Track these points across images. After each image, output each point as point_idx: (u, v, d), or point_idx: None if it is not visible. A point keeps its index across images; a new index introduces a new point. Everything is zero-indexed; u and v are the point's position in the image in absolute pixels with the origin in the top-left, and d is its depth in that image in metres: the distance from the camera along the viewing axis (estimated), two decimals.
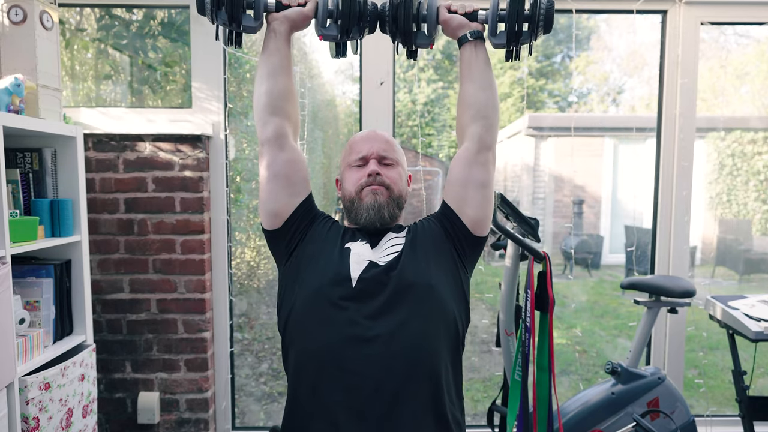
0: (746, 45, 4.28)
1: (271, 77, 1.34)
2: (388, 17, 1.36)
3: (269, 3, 1.36)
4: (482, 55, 1.37)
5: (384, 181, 1.37)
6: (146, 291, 2.35)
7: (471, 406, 3.35)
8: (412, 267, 1.28)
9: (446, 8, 1.38)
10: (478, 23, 1.37)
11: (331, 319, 1.22)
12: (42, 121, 1.81)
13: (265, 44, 1.36)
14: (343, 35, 1.36)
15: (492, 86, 1.36)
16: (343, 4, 1.32)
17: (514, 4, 1.32)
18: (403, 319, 1.21)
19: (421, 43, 1.40)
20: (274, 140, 1.32)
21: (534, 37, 1.36)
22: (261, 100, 1.34)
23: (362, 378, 1.16)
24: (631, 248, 2.71)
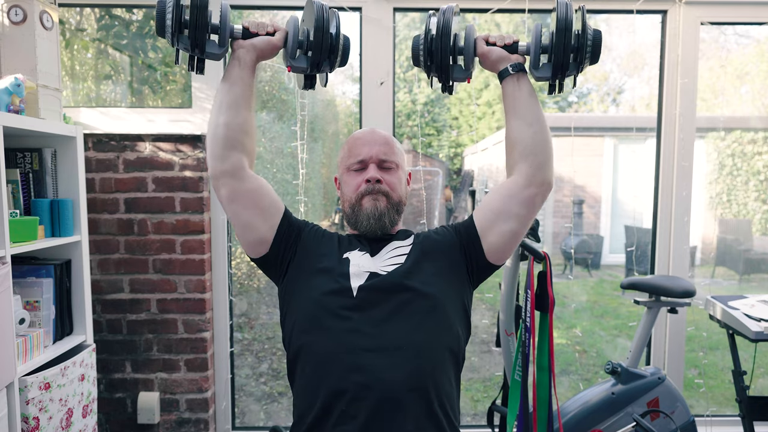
0: (746, 45, 4.28)
1: (232, 109, 1.25)
2: (423, 51, 1.28)
3: (236, 30, 1.28)
4: (526, 89, 1.29)
5: (383, 189, 1.34)
6: (146, 291, 2.35)
7: (471, 406, 3.35)
8: (417, 277, 1.26)
9: (484, 40, 1.30)
10: (519, 55, 1.30)
11: (334, 330, 1.20)
12: (42, 121, 1.81)
13: (228, 72, 1.27)
14: (313, 68, 1.28)
15: (539, 120, 1.28)
16: (315, 36, 1.24)
17: (560, 35, 1.22)
18: (407, 330, 1.20)
19: (458, 77, 1.32)
20: (232, 174, 1.25)
21: (580, 69, 1.27)
22: (218, 132, 1.25)
23: (365, 389, 1.14)
24: (631, 248, 2.71)
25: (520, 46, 1.30)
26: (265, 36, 1.27)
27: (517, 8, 2.33)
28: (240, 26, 1.28)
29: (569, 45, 1.23)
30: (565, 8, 1.23)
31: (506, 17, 8.44)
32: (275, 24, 1.28)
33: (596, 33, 1.24)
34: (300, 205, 2.49)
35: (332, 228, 5.88)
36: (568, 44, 1.23)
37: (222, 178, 1.26)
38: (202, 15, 1.19)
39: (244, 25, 1.27)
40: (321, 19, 1.23)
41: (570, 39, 1.23)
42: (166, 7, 1.19)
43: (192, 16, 1.19)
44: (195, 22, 1.19)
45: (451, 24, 1.26)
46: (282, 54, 1.32)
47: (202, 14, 1.19)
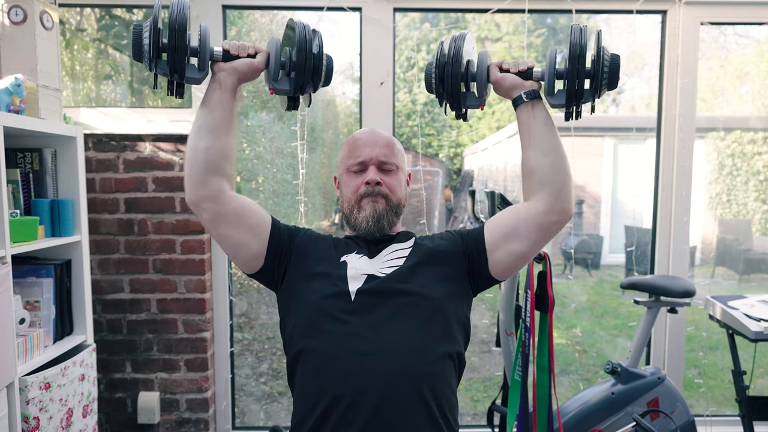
0: (746, 45, 4.28)
1: (212, 134, 1.21)
2: (435, 77, 1.25)
3: (216, 52, 1.23)
4: (541, 116, 1.25)
5: (382, 191, 1.33)
6: (146, 291, 2.35)
7: (471, 406, 3.35)
8: (416, 280, 1.25)
9: (498, 67, 1.27)
10: (534, 81, 1.26)
11: (332, 333, 1.19)
12: (42, 121, 1.81)
13: (208, 96, 1.23)
14: (297, 90, 1.24)
15: (556, 149, 1.24)
16: (298, 57, 1.20)
17: (574, 60, 1.18)
18: (406, 334, 1.19)
19: (472, 104, 1.29)
20: (213, 199, 1.22)
21: (597, 95, 1.22)
22: (198, 158, 1.21)
23: (362, 394, 1.13)
24: (631, 248, 2.71)
25: (534, 72, 1.26)
26: (246, 58, 1.23)
27: (517, 8, 2.33)
28: (220, 48, 1.23)
29: (583, 71, 1.18)
30: (579, 33, 1.19)
31: (506, 17, 8.44)
32: (256, 46, 1.24)
33: (614, 58, 1.19)
34: (300, 205, 2.49)
35: (332, 228, 5.89)
36: (582, 71, 1.18)
37: (202, 204, 1.23)
38: (181, 38, 1.15)
39: (224, 47, 1.23)
40: (303, 39, 1.20)
41: (584, 65, 1.18)
42: (143, 31, 1.15)
43: (171, 40, 1.14)
44: (174, 46, 1.14)
45: (462, 51, 1.23)
46: (264, 76, 1.29)
47: (181, 37, 1.14)
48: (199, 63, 1.20)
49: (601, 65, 1.18)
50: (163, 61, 1.16)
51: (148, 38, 1.14)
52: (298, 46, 1.20)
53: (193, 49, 1.18)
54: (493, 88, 1.29)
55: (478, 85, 1.27)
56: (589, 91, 1.21)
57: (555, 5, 2.39)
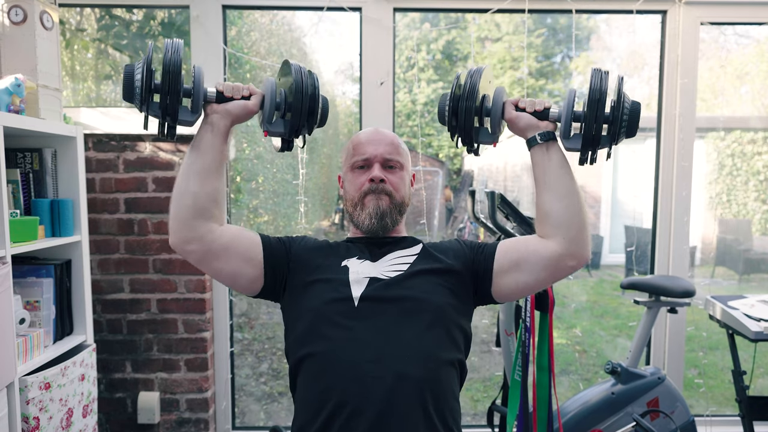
0: (746, 45, 4.28)
1: (202, 178, 1.18)
2: (448, 110, 1.22)
3: (209, 93, 1.19)
4: (556, 158, 1.21)
5: (386, 189, 1.32)
6: (146, 291, 2.35)
7: (471, 406, 3.35)
8: (420, 286, 1.24)
9: (513, 105, 1.23)
10: (549, 122, 1.22)
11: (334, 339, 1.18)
12: (42, 121, 1.81)
13: (200, 138, 1.19)
14: (292, 133, 1.22)
15: (572, 192, 1.20)
16: (294, 99, 1.18)
17: (593, 105, 1.13)
18: (409, 340, 1.17)
19: (484, 140, 1.26)
20: (199, 240, 1.20)
21: (615, 142, 1.18)
22: (186, 202, 1.18)
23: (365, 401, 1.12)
24: (631, 248, 2.71)
25: (551, 112, 1.22)
26: (240, 100, 1.19)
27: (517, 8, 2.33)
28: (213, 89, 1.20)
29: (602, 117, 1.14)
30: (600, 78, 1.15)
31: (506, 17, 8.45)
32: (251, 87, 1.21)
33: (634, 105, 1.15)
34: (300, 205, 2.49)
35: (332, 228, 5.89)
36: (601, 116, 1.14)
37: (188, 246, 1.21)
38: (176, 80, 1.10)
39: (218, 88, 1.20)
40: (300, 82, 1.18)
41: (603, 110, 1.14)
42: (135, 71, 1.11)
43: (165, 82, 1.10)
44: (168, 89, 1.10)
45: (478, 86, 1.20)
46: (258, 117, 1.25)
47: (175, 80, 1.10)
48: (192, 105, 1.17)
49: (621, 112, 1.14)
50: (155, 102, 1.13)
51: (141, 79, 1.11)
52: (294, 88, 1.18)
53: (186, 91, 1.15)
54: (508, 126, 1.26)
55: (492, 121, 1.23)
56: (606, 138, 1.17)
57: (555, 5, 2.39)
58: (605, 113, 1.15)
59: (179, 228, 1.20)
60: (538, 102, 1.22)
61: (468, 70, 1.23)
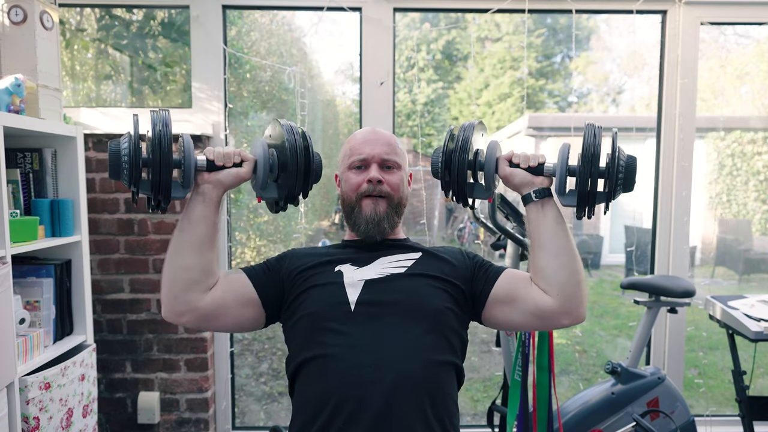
0: (746, 45, 4.28)
1: (195, 251, 1.16)
2: (441, 164, 1.20)
3: (199, 163, 1.13)
4: (551, 216, 1.19)
5: (384, 190, 1.30)
6: (146, 291, 2.35)
7: (471, 406, 3.35)
8: (418, 289, 1.23)
9: (507, 160, 1.21)
10: (545, 177, 1.19)
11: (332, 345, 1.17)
12: (42, 121, 1.81)
13: (191, 209, 1.16)
14: (288, 199, 1.19)
15: (567, 251, 1.18)
16: (291, 161, 1.14)
17: (587, 161, 1.10)
18: (407, 343, 1.16)
19: (479, 196, 1.24)
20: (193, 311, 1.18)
21: (612, 197, 1.15)
22: (179, 276, 1.16)
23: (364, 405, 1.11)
24: (631, 248, 2.71)
25: (546, 167, 1.19)
26: (232, 168, 1.16)
27: (517, 8, 2.33)
28: (203, 158, 1.14)
29: (596, 172, 1.11)
30: (593, 133, 1.13)
31: (506, 17, 8.45)
32: (242, 152, 1.17)
33: (630, 160, 1.13)
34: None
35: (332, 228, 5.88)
36: (596, 172, 1.11)
37: (182, 318, 1.19)
38: (167, 156, 1.06)
39: (208, 157, 1.15)
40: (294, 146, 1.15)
41: (597, 166, 1.11)
42: (120, 148, 1.07)
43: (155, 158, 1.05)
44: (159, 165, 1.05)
45: (470, 140, 1.18)
46: (250, 182, 1.22)
47: (166, 155, 1.06)
48: (183, 179, 1.12)
49: (615, 167, 1.11)
50: (146, 181, 1.08)
51: (128, 155, 1.06)
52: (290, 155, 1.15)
53: (175, 162, 1.09)
54: (502, 181, 1.24)
55: (485, 176, 1.21)
56: (603, 194, 1.15)
57: (555, 5, 2.39)
58: (600, 168, 1.12)
59: (172, 303, 1.18)
60: (533, 157, 1.19)
61: (461, 125, 1.22)
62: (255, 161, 1.17)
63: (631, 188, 1.14)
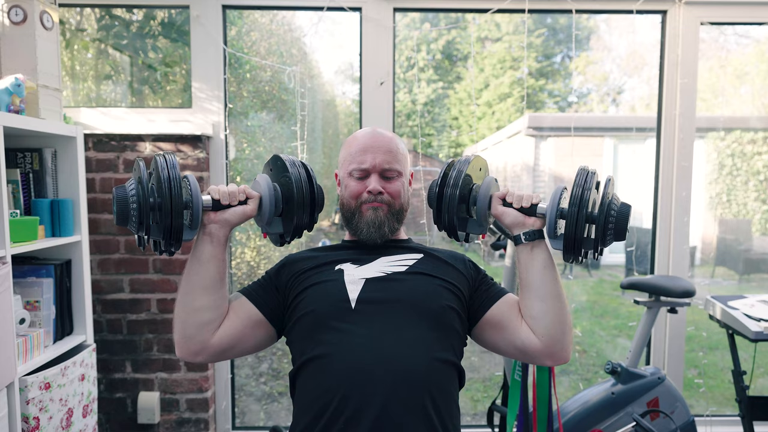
0: (746, 45, 4.28)
1: (207, 291, 1.17)
2: (435, 196, 1.21)
3: (205, 203, 1.14)
4: (540, 260, 1.18)
5: (384, 199, 1.30)
6: (146, 291, 2.35)
7: (471, 406, 3.35)
8: (420, 287, 1.23)
9: (501, 198, 1.21)
10: (537, 219, 1.18)
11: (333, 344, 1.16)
12: (42, 121, 1.81)
13: (200, 251, 1.16)
14: (295, 234, 1.19)
15: (555, 296, 1.17)
16: (297, 195, 1.16)
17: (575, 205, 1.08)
18: (409, 342, 1.16)
19: (472, 230, 1.25)
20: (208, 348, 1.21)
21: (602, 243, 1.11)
22: (193, 319, 1.19)
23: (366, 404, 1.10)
24: (631, 248, 2.71)
25: (539, 209, 1.17)
26: (238, 207, 1.17)
27: (517, 8, 2.33)
28: (209, 197, 1.15)
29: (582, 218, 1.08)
30: (584, 177, 1.10)
31: (506, 17, 8.45)
32: (247, 190, 1.18)
33: (623, 208, 1.10)
34: None
35: (332, 228, 5.89)
36: (582, 218, 1.08)
37: (198, 357, 1.22)
38: (178, 200, 1.06)
39: (213, 196, 1.15)
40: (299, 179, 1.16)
41: (585, 211, 1.08)
42: (128, 195, 1.06)
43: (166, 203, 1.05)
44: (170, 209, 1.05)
45: (463, 174, 1.19)
46: (255, 218, 1.22)
47: (177, 200, 1.06)
48: (191, 221, 1.12)
49: (606, 215, 1.08)
50: (155, 224, 1.07)
51: (137, 202, 1.05)
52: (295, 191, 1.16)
53: (183, 204, 1.09)
54: (496, 219, 1.23)
55: (478, 212, 1.21)
56: (591, 241, 1.12)
57: (555, 5, 2.39)
58: (590, 214, 1.09)
59: (187, 343, 1.21)
60: (526, 197, 1.18)
61: (458, 159, 1.23)
62: (260, 197, 1.18)
63: (622, 237, 1.11)
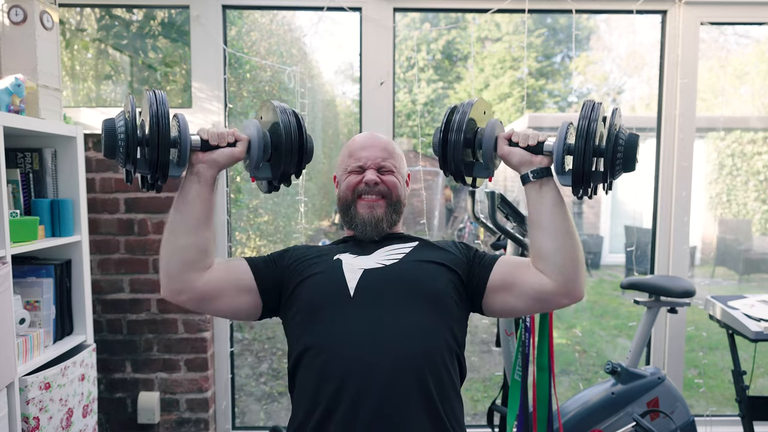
0: (746, 45, 4.28)
1: (191, 230, 1.17)
2: (439, 142, 1.19)
3: (194, 142, 1.14)
4: (549, 197, 1.16)
5: (381, 190, 1.32)
6: (146, 291, 2.35)
7: (471, 406, 3.35)
8: (417, 273, 1.24)
9: (506, 139, 1.19)
10: (544, 156, 1.16)
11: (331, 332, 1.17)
12: (42, 121, 1.81)
13: (186, 190, 1.17)
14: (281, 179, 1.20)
15: (566, 233, 1.16)
16: (286, 142, 1.15)
17: (582, 138, 1.06)
18: (408, 327, 1.16)
19: (479, 174, 1.23)
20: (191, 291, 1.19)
21: (612, 176, 1.10)
22: (175, 256, 1.17)
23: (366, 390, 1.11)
24: (631, 248, 2.71)
25: (545, 146, 1.15)
26: (226, 148, 1.17)
27: (517, 8, 2.33)
28: (197, 137, 1.15)
29: (590, 151, 1.07)
30: (590, 109, 1.09)
31: (506, 17, 8.45)
32: (236, 132, 1.19)
33: (631, 138, 1.08)
34: (300, 205, 2.49)
35: (332, 228, 5.88)
36: (589, 149, 1.06)
37: (180, 297, 1.20)
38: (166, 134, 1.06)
39: (202, 136, 1.16)
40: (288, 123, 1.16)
41: (592, 144, 1.07)
42: (116, 126, 1.06)
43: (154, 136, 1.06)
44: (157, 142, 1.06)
45: (467, 118, 1.17)
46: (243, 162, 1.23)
47: (165, 133, 1.06)
48: (179, 158, 1.12)
49: (614, 145, 1.07)
50: (141, 160, 1.08)
51: (125, 133, 1.06)
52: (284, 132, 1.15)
53: (172, 141, 1.10)
54: (502, 160, 1.22)
55: (484, 155, 1.20)
56: (599, 174, 1.10)
57: (555, 5, 2.39)
58: (598, 147, 1.08)
59: (169, 282, 1.20)
60: (532, 135, 1.17)
61: (461, 102, 1.21)
62: (249, 141, 1.18)
63: (632, 168, 1.10)
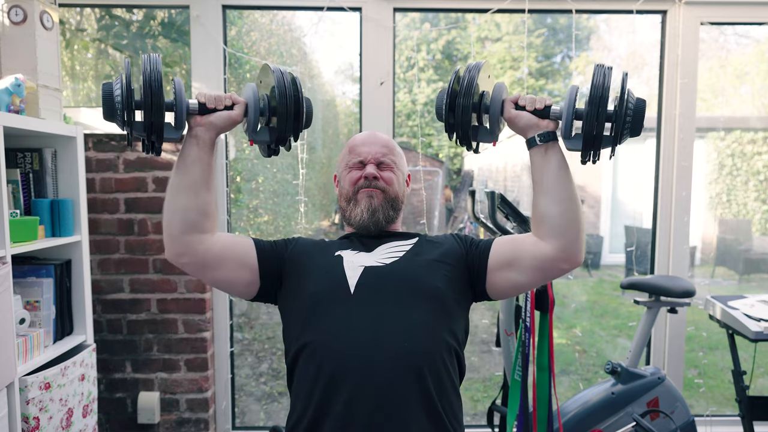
0: (746, 45, 4.28)
1: (191, 192, 1.19)
2: (445, 107, 1.18)
3: (191, 106, 1.16)
4: (554, 161, 1.17)
5: (379, 185, 1.34)
6: (146, 291, 2.35)
7: (471, 406, 3.35)
8: (418, 271, 1.25)
9: (513, 102, 1.18)
10: (550, 121, 1.17)
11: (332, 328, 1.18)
12: (42, 121, 1.81)
13: (185, 152, 1.18)
14: (279, 141, 1.21)
15: (569, 197, 1.16)
16: (279, 105, 1.16)
17: (594, 102, 1.08)
18: (408, 324, 1.17)
19: (483, 139, 1.22)
20: (193, 254, 1.21)
21: (619, 141, 1.13)
22: (176, 217, 1.20)
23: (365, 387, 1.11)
24: (631, 248, 2.71)
25: (552, 110, 1.16)
26: (223, 111, 1.18)
27: (517, 8, 2.33)
28: (195, 101, 1.17)
29: (603, 115, 1.09)
30: (602, 74, 1.10)
31: (506, 17, 8.45)
32: (233, 96, 1.20)
33: (639, 103, 1.10)
34: (300, 205, 2.49)
35: (332, 228, 5.88)
36: (602, 115, 1.08)
37: (182, 259, 1.22)
38: (158, 96, 1.08)
39: (199, 100, 1.17)
40: (284, 86, 1.16)
41: (605, 109, 1.09)
42: (113, 89, 1.08)
43: (146, 98, 1.07)
44: (150, 105, 1.07)
45: (475, 81, 1.16)
46: (242, 125, 1.23)
47: (157, 95, 1.08)
48: (175, 120, 1.14)
49: (624, 110, 1.09)
50: (139, 122, 1.10)
51: (120, 96, 1.08)
52: (278, 93, 1.16)
53: (167, 105, 1.12)
54: (507, 125, 1.21)
55: (490, 119, 1.19)
56: (609, 138, 1.12)
57: (555, 5, 2.39)
58: (608, 111, 1.09)
59: (171, 243, 1.22)
60: (539, 99, 1.17)
61: (467, 65, 1.20)
62: (246, 104, 1.19)
63: (638, 132, 1.11)
